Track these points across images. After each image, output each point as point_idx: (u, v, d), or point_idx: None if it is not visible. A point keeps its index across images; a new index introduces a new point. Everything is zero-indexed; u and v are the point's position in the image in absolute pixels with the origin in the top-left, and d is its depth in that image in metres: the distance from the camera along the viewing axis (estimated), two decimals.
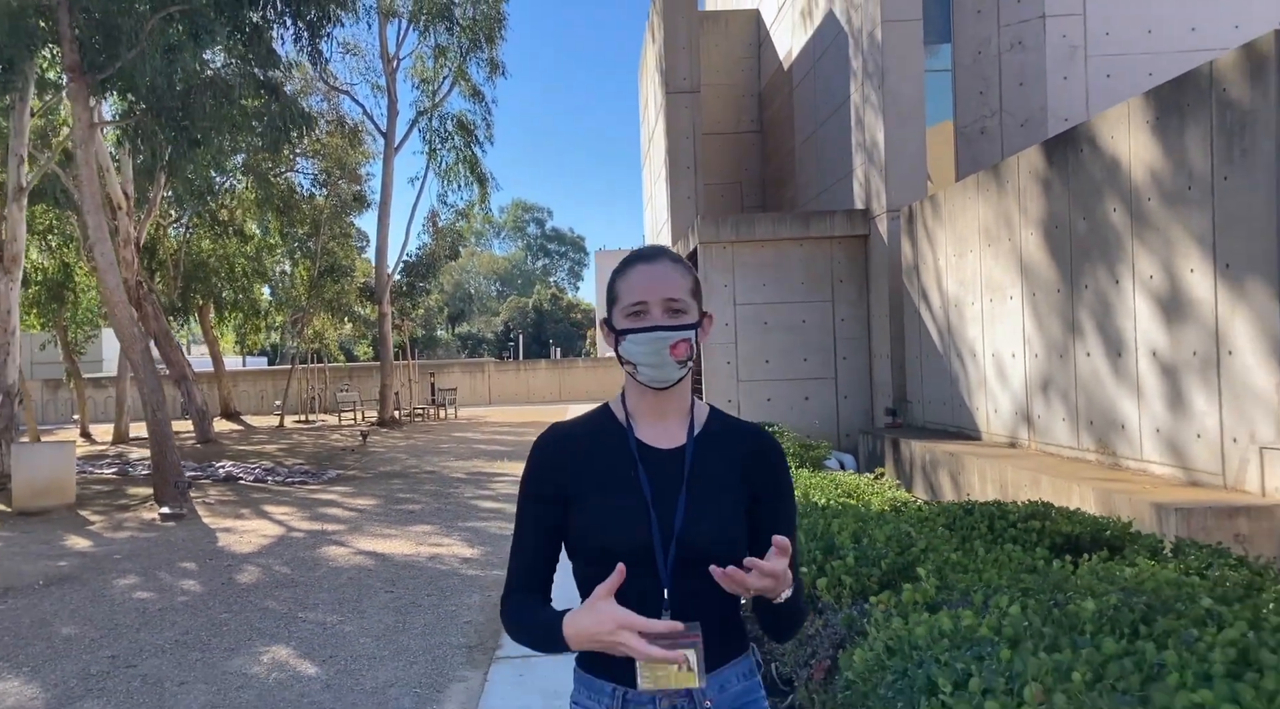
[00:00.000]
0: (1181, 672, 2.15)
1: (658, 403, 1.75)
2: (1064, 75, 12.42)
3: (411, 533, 8.96)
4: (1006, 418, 9.10)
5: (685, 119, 17.31)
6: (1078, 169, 7.64)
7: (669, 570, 1.65)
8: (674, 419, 1.77)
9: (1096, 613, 2.56)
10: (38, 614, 6.49)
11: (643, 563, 1.64)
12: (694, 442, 1.75)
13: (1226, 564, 3.48)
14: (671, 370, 1.68)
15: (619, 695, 1.68)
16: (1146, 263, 6.75)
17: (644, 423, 1.77)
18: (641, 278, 1.70)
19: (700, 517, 1.67)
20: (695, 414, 1.80)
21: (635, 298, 1.68)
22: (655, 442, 1.75)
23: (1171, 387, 6.54)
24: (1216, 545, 3.88)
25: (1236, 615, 2.60)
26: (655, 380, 1.69)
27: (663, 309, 1.66)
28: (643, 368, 1.69)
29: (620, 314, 1.71)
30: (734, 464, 1.75)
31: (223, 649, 5.50)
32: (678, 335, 1.66)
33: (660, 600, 1.64)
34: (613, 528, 1.67)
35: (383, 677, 4.89)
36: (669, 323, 1.66)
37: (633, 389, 1.77)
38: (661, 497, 1.68)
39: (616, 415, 1.80)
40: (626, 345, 1.69)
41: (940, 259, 10.51)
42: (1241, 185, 5.76)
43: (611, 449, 1.75)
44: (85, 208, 9.72)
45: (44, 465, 10.72)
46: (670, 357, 1.66)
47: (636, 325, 1.67)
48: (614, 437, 1.77)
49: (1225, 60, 5.90)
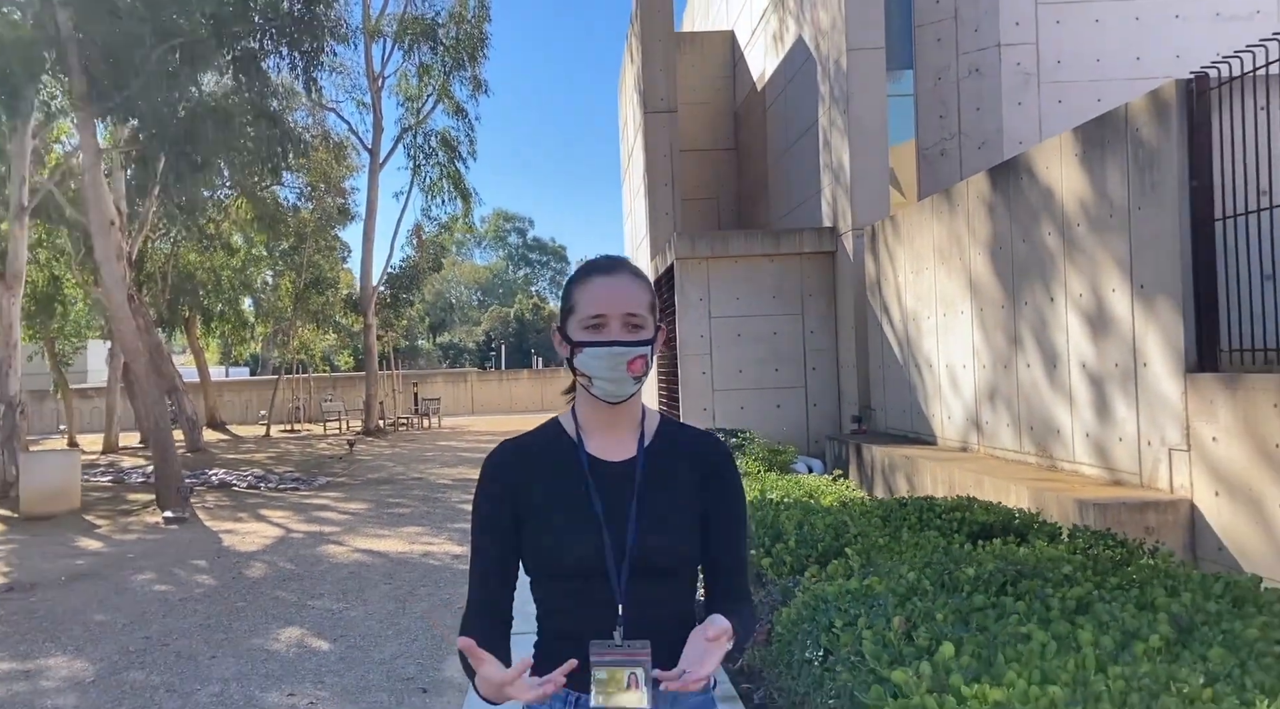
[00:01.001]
0: (1026, 615, 2.80)
1: (610, 415, 1.76)
2: (1018, 101, 13.16)
3: (403, 533, 9.58)
4: (959, 424, 9.78)
5: (663, 138, 17.98)
6: (1018, 195, 8.34)
7: (622, 585, 1.66)
8: (625, 431, 1.78)
9: (974, 577, 3.21)
10: (68, 605, 7.09)
11: (596, 577, 1.66)
12: (644, 453, 1.76)
13: (1105, 545, 4.14)
14: (627, 385, 1.69)
15: (571, 700, 1.71)
16: (1076, 282, 7.44)
17: (595, 435, 1.78)
18: (601, 290, 1.69)
19: (652, 530, 1.69)
20: (646, 425, 1.81)
21: (594, 310, 1.68)
22: (606, 454, 1.76)
23: (1098, 395, 7.23)
24: (1105, 531, 4.54)
25: (1086, 578, 3.26)
26: (610, 395, 1.70)
27: (621, 323, 1.67)
28: (598, 381, 1.69)
29: (577, 325, 1.70)
30: (685, 474, 1.77)
31: (243, 630, 6.13)
32: (635, 351, 1.67)
33: (615, 615, 1.65)
34: (565, 544, 1.67)
35: (388, 651, 5.54)
36: (627, 338, 1.67)
37: (584, 401, 1.78)
38: (613, 511, 1.69)
39: (567, 429, 1.80)
40: (583, 359, 1.69)
41: (900, 275, 11.20)
42: (1152, 215, 6.45)
43: (562, 464, 1.75)
44: (93, 230, 10.29)
45: (51, 472, 11.28)
46: (627, 372, 1.67)
47: (595, 339, 1.67)
48: (565, 451, 1.77)
49: (1137, 104, 6.61)
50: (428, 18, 22.67)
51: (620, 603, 1.66)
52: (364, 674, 5.25)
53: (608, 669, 1.56)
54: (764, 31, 18.21)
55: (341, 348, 37.06)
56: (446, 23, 22.76)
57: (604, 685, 1.55)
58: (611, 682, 1.55)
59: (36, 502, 11.02)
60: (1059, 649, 2.38)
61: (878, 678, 2.26)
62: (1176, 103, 6.17)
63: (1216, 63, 5.97)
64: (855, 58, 12.43)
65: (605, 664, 1.56)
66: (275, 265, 26.37)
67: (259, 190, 21.63)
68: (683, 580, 1.76)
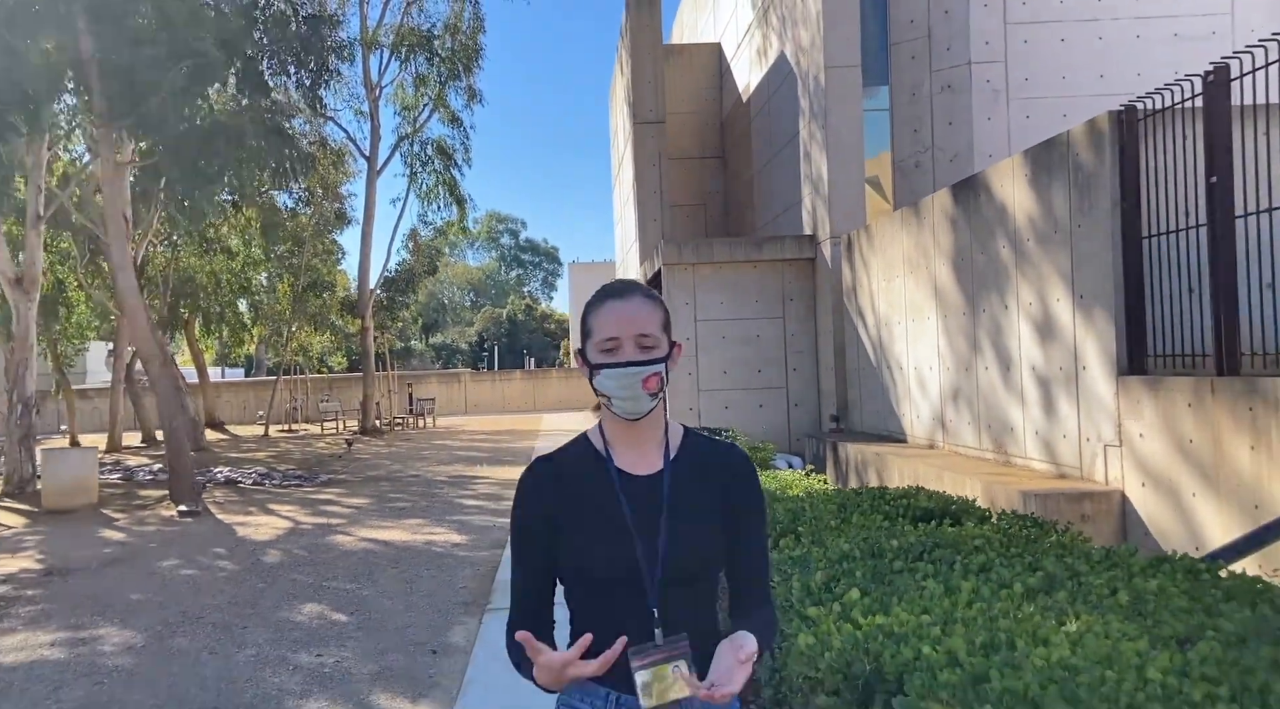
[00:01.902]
0: (933, 575, 3.45)
1: (634, 431, 1.86)
2: (988, 116, 13.85)
3: (406, 525, 10.23)
4: (926, 423, 10.45)
5: (651, 148, 18.64)
6: (976, 210, 9.01)
7: (656, 591, 1.76)
8: (650, 445, 1.88)
9: (897, 547, 3.86)
10: (104, 586, 7.76)
11: (630, 585, 1.76)
12: (670, 466, 1.87)
13: (1023, 526, 4.79)
14: (644, 403, 1.80)
15: (612, 699, 1.79)
16: (1027, 292, 8.11)
17: (621, 450, 1.88)
18: (614, 314, 1.80)
19: (683, 538, 1.79)
20: (670, 438, 1.91)
21: (608, 333, 1.79)
22: (634, 468, 1.86)
23: (1045, 396, 7.90)
24: (1029, 515, 5.19)
25: (993, 549, 3.92)
26: (629, 413, 1.81)
27: (635, 345, 1.77)
28: (617, 401, 1.80)
29: (594, 349, 1.81)
30: (710, 484, 1.86)
31: (269, 606, 6.79)
32: (649, 370, 1.77)
33: (649, 621, 1.74)
34: (600, 554, 1.77)
35: (401, 622, 6.22)
36: (640, 358, 1.77)
37: (609, 419, 1.89)
38: (644, 522, 1.78)
39: (595, 445, 1.91)
40: (601, 380, 1.80)
41: (873, 282, 11.87)
42: (1089, 232, 7.12)
43: (593, 478, 1.85)
44: (111, 240, 10.89)
45: (71, 469, 11.91)
46: (643, 390, 1.78)
47: (610, 360, 1.78)
48: (595, 466, 1.87)
49: (1077, 130, 7.28)
50: (424, 29, 23.36)
51: (655, 609, 1.75)
52: (380, 640, 5.94)
53: (652, 670, 1.63)
54: (749, 46, 18.87)
55: (335, 349, 37.59)
56: (442, 34, 23.41)
57: (649, 688, 1.62)
58: (657, 680, 1.62)
59: (57, 496, 11.66)
60: (945, 595, 3.04)
61: (799, 615, 2.90)
62: (1109, 131, 6.84)
63: (1143, 97, 6.64)
64: (833, 75, 13.10)
65: (648, 667, 1.64)
66: (273, 269, 26.94)
67: (259, 197, 22.21)
68: (710, 587, 1.87)
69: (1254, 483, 5.50)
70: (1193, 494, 6.06)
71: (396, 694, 5.00)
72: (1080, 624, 2.49)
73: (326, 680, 5.24)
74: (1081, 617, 2.57)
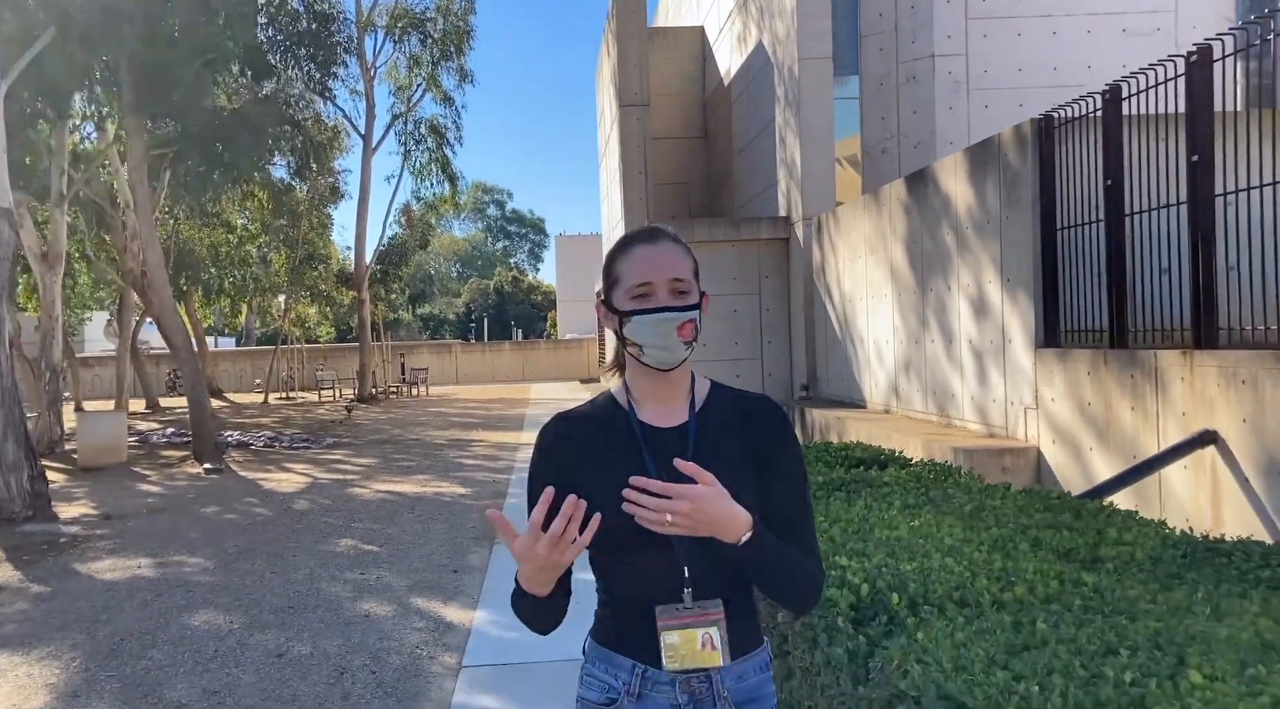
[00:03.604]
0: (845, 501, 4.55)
1: (662, 384, 1.77)
2: (950, 105, 14.88)
3: (414, 480, 11.35)
4: (883, 391, 11.57)
5: (637, 129, 19.55)
6: (926, 200, 10.07)
7: (685, 549, 1.66)
8: (677, 399, 1.79)
9: (820, 482, 4.97)
10: (161, 527, 8.94)
11: (657, 543, 1.64)
12: (696, 417, 1.77)
13: (932, 470, 5.90)
14: (679, 351, 1.70)
15: (638, 673, 1.70)
16: (965, 275, 9.21)
17: (647, 404, 1.79)
18: (645, 259, 1.71)
19: None
20: (696, 390, 1.82)
21: (640, 279, 1.69)
22: (658, 421, 1.77)
23: (979, 366, 9.02)
24: (942, 463, 6.31)
25: (899, 483, 5.02)
26: (663, 362, 1.71)
27: (668, 290, 1.68)
28: (649, 349, 1.70)
29: (624, 296, 1.71)
30: (738, 434, 1.77)
31: (309, 542, 7.95)
32: (685, 316, 1.68)
33: (681, 579, 1.66)
34: (622, 511, 1.61)
35: (424, 551, 7.42)
36: (675, 304, 1.68)
37: (635, 371, 1.79)
38: (669, 476, 1.63)
39: (619, 400, 1.82)
40: (633, 327, 1.70)
41: (840, 262, 12.94)
42: (1015, 223, 8.21)
43: (615, 432, 1.77)
44: (140, 220, 11.86)
45: (103, 430, 12.98)
46: (678, 338, 1.68)
47: (643, 307, 1.68)
48: (617, 420, 1.78)
49: (1006, 134, 8.34)
50: (416, 10, 24.18)
51: (685, 565, 1.66)
52: (409, 563, 7.20)
53: (679, 633, 1.58)
54: (730, 32, 19.79)
55: (324, 320, 38.53)
56: (434, 15, 24.23)
57: (676, 650, 1.56)
58: (684, 644, 1.56)
59: (91, 455, 12.73)
60: (846, 509, 4.14)
61: None
62: (1031, 136, 7.91)
63: (1058, 108, 7.69)
64: (806, 66, 14.09)
65: (675, 628, 1.58)
66: (270, 242, 27.84)
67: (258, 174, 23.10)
68: None
69: (1133, 437, 6.64)
70: (1090, 448, 7.19)
71: (431, 599, 6.27)
72: (923, 521, 3.58)
73: (371, 590, 6.46)
74: (926, 516, 3.67)
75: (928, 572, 2.80)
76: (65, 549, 8.28)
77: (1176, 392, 6.21)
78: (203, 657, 5.38)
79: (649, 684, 1.68)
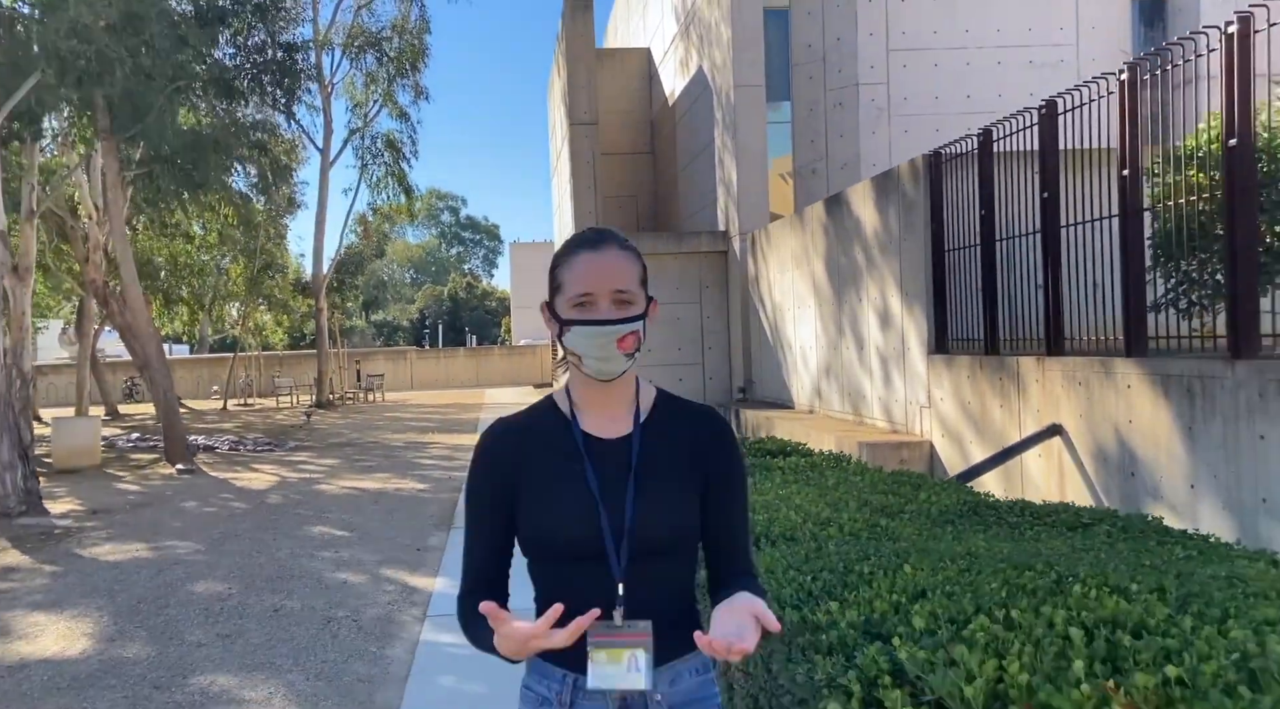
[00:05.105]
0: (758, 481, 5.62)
1: (603, 393, 1.73)
2: (873, 130, 16.09)
3: (375, 478, 12.28)
4: (808, 393, 12.69)
5: (586, 147, 20.58)
6: (841, 221, 11.21)
7: (622, 564, 1.63)
8: (620, 408, 1.75)
9: None
10: (146, 519, 9.82)
11: (594, 558, 1.63)
12: (640, 429, 1.73)
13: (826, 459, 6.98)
14: (619, 363, 1.65)
15: (569, 682, 1.69)
16: (873, 289, 10.35)
17: (589, 413, 1.75)
18: (588, 267, 1.65)
19: (651, 508, 1.65)
20: (641, 400, 1.78)
21: (581, 289, 1.64)
22: (601, 431, 1.73)
23: (885, 370, 10.16)
24: (840, 454, 7.40)
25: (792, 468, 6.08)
26: (603, 373, 1.67)
27: (610, 300, 1.63)
28: (589, 360, 1.65)
29: (565, 304, 1.66)
30: (683, 449, 1.73)
31: (286, 530, 8.88)
32: (625, 329, 1.63)
33: (615, 595, 1.62)
34: (562, 524, 1.63)
35: (389, 534, 8.45)
36: (616, 315, 1.62)
37: (577, 380, 1.74)
38: (610, 489, 1.64)
39: (560, 407, 1.77)
40: (571, 338, 1.65)
41: (771, 275, 14.06)
42: (912, 244, 9.35)
43: (557, 442, 1.72)
44: (115, 237, 12.62)
45: (78, 434, 13.70)
46: (617, 350, 1.63)
47: (582, 317, 1.63)
48: (559, 429, 1.74)
49: (903, 167, 9.49)
50: (373, 30, 25.01)
51: (620, 582, 1.63)
52: (377, 545, 8.26)
53: (606, 650, 1.57)
54: (674, 55, 20.90)
55: (276, 327, 39.05)
56: (390, 35, 25.09)
57: (602, 667, 1.55)
58: (610, 663, 1.55)
59: (66, 457, 13.44)
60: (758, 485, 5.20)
61: None
62: (923, 169, 9.06)
63: (945, 146, 8.84)
64: (741, 93, 15.21)
65: (603, 645, 1.57)
66: (228, 251, 28.42)
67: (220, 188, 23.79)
68: (683, 558, 1.74)
69: (1001, 430, 7.79)
70: (970, 441, 8.34)
71: (398, 570, 7.39)
72: (789, 491, 4.64)
73: (346, 564, 7.53)
74: (793, 487, 4.73)
75: (773, 521, 3.85)
76: (62, 539, 9.11)
77: (1033, 392, 7.37)
78: (211, 613, 6.40)
79: (580, 693, 1.67)
